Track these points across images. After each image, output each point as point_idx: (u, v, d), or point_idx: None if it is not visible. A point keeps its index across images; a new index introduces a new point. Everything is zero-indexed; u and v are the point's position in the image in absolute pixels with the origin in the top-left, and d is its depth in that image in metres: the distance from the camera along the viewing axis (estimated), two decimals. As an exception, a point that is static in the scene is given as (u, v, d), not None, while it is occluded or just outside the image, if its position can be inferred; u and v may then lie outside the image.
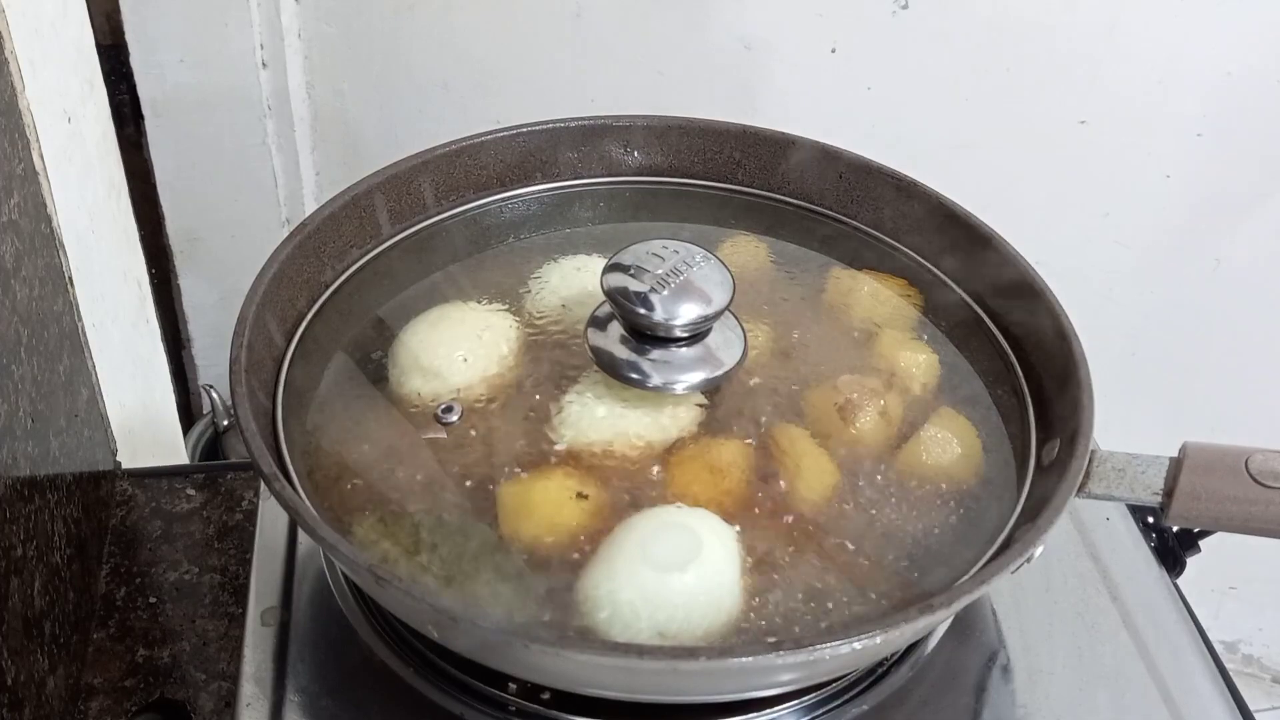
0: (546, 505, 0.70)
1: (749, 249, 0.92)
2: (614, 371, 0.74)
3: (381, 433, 0.78)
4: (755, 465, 0.75)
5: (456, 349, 0.79)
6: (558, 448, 0.75)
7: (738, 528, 0.69)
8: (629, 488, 0.73)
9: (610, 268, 0.75)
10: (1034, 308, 0.80)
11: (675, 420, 0.77)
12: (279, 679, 0.74)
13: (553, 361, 0.82)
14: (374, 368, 0.82)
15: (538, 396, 0.79)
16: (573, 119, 0.95)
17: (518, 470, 0.74)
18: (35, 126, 0.85)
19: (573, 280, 0.86)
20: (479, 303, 0.85)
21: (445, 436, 0.77)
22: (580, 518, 0.70)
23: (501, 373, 0.81)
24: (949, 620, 0.77)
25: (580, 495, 0.70)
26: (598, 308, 0.79)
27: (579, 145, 0.95)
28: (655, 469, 0.74)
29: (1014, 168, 1.24)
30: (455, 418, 0.77)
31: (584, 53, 1.23)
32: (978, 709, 0.75)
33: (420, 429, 0.78)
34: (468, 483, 0.74)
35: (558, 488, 0.71)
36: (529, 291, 0.86)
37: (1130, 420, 0.89)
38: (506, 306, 0.84)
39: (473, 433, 0.78)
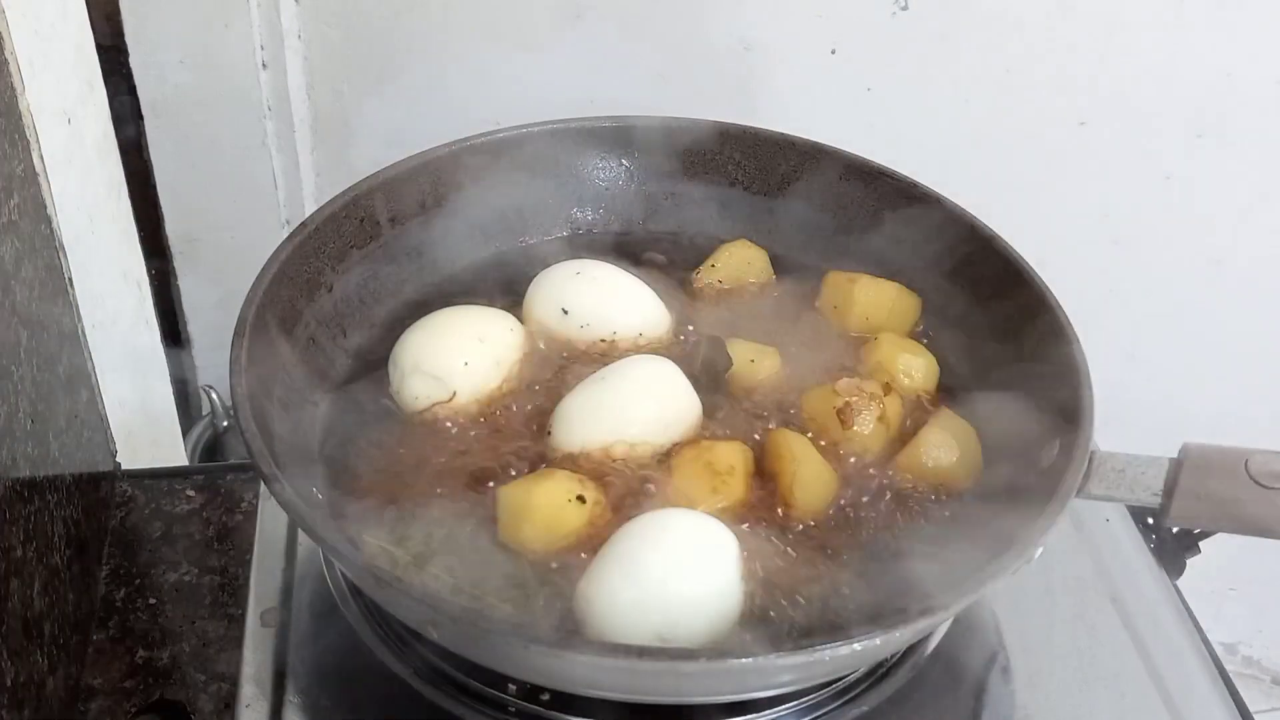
0: (546, 508, 0.70)
1: (748, 252, 0.92)
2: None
3: (382, 434, 0.78)
4: (755, 469, 0.75)
5: (458, 352, 0.79)
6: (557, 451, 0.75)
7: (737, 530, 0.69)
8: (629, 490, 0.73)
9: None
10: (1034, 308, 0.80)
11: (676, 422, 0.77)
12: (279, 679, 0.74)
13: (553, 364, 0.82)
14: (375, 369, 0.82)
15: (538, 399, 0.79)
16: (573, 119, 0.95)
17: (516, 473, 0.74)
18: (35, 127, 0.85)
19: (572, 284, 0.86)
20: (480, 306, 0.85)
21: (444, 438, 0.77)
22: (579, 520, 0.70)
23: (502, 376, 0.81)
24: (949, 621, 0.77)
25: (579, 498, 0.70)
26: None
27: (579, 145, 0.95)
28: (656, 472, 0.74)
29: (1014, 168, 1.24)
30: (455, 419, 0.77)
31: (584, 53, 1.23)
32: (978, 709, 0.75)
33: (420, 431, 0.78)
34: (469, 483, 0.74)
35: (557, 490, 0.71)
36: (529, 294, 0.86)
37: (1130, 420, 0.89)
38: (507, 310, 0.84)
39: (473, 435, 0.78)
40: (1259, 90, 1.21)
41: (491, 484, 0.73)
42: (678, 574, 0.65)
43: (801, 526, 0.73)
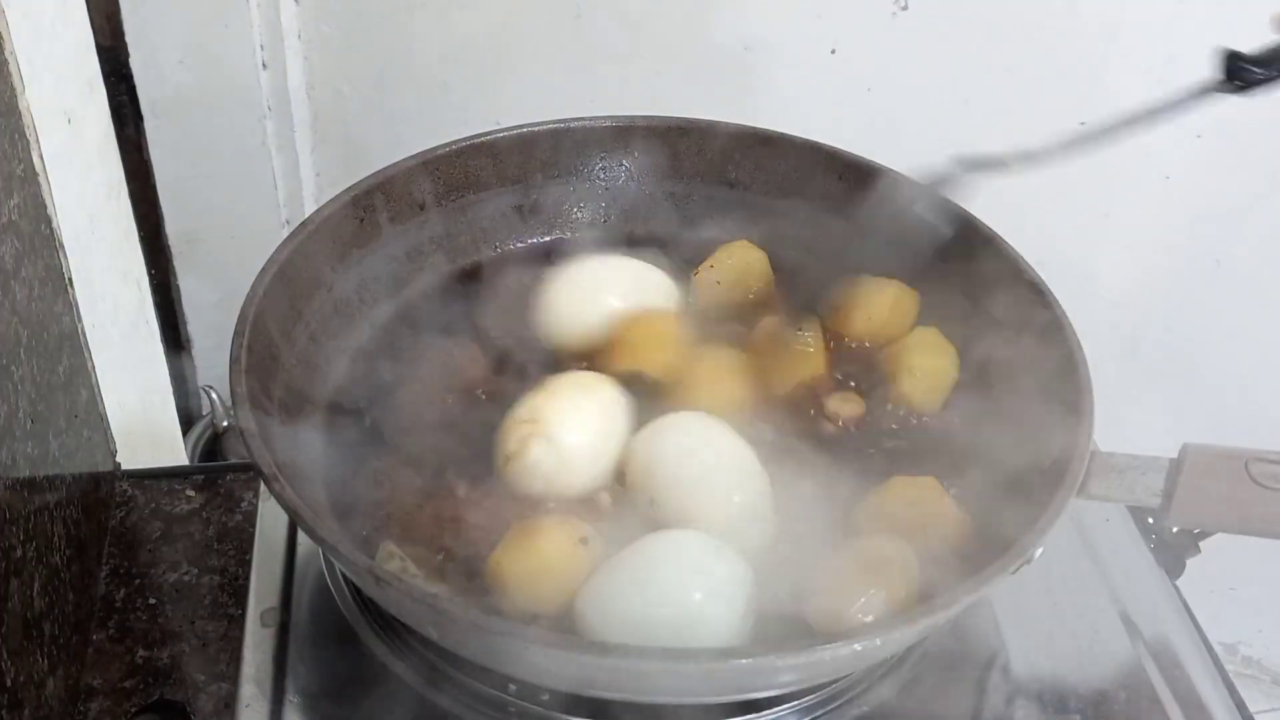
0: (553, 557, 0.68)
1: (748, 254, 0.92)
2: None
3: (380, 433, 0.78)
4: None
5: None
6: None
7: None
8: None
9: None
10: (1034, 308, 0.80)
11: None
12: (278, 680, 0.74)
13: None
14: (375, 368, 0.82)
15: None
16: (572, 119, 0.95)
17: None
18: (35, 127, 0.84)
19: (576, 282, 0.85)
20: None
21: (443, 438, 0.78)
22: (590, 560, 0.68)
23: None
24: (949, 622, 0.77)
25: (583, 540, 0.69)
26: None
27: (579, 145, 0.95)
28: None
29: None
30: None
31: (584, 53, 1.23)
32: (978, 709, 0.75)
33: (419, 430, 0.78)
34: (469, 481, 0.74)
35: (558, 537, 0.69)
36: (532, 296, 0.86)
37: (1130, 420, 0.89)
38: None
39: (469, 433, 0.78)
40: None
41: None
42: (686, 595, 0.65)
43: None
